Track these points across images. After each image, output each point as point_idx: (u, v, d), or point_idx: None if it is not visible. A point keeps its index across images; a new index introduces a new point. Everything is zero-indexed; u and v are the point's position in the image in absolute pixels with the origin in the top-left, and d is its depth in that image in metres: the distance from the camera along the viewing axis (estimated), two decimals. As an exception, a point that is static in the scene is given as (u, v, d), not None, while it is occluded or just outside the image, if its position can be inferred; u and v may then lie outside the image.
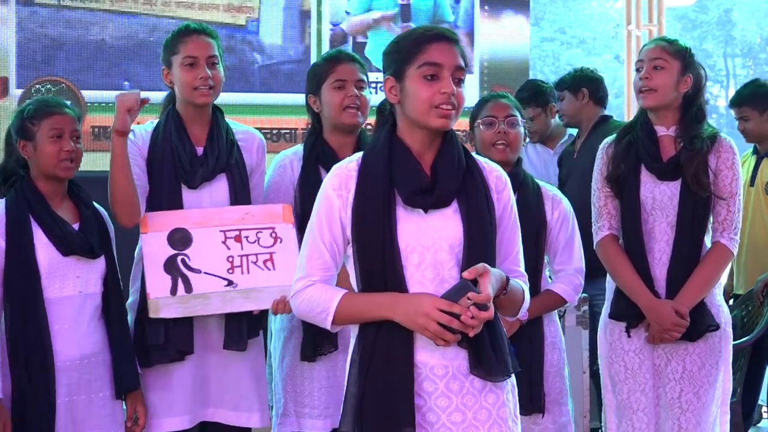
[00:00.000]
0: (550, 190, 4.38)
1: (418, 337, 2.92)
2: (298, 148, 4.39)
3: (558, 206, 4.31)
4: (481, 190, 3.13)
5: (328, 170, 3.67)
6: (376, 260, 3.01)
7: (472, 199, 3.10)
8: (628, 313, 4.29)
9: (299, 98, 4.60)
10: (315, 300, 3.02)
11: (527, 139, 4.63)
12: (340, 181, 3.07)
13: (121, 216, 4.03)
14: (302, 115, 4.66)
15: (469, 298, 2.73)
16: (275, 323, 4.30)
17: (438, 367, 2.97)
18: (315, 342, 4.16)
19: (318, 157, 4.26)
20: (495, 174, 3.19)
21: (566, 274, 4.27)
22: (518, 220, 3.27)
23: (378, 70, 6.54)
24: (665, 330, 4.12)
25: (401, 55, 3.02)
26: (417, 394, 2.95)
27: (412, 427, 2.93)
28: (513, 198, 3.25)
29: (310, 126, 4.40)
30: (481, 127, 4.29)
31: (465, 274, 2.83)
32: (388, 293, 2.95)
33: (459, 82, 3.01)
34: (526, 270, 3.29)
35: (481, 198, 3.12)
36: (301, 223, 3.98)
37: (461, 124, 3.95)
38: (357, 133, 4.31)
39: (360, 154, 3.17)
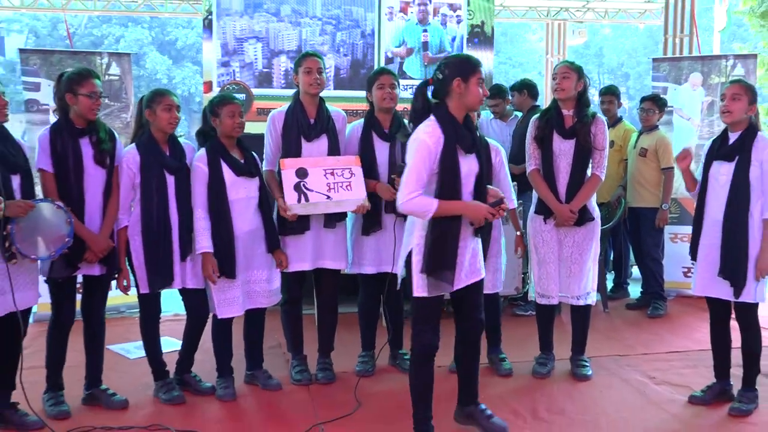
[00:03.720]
0: (494, 144, 4.36)
1: (464, 223, 3.28)
2: (361, 120, 4.38)
3: (498, 153, 4.34)
4: (484, 146, 3.64)
5: (379, 136, 4.21)
6: (449, 180, 3.23)
7: (481, 150, 3.48)
8: (544, 210, 4.30)
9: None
10: (421, 203, 3.19)
11: (478, 116, 4.65)
12: (433, 140, 3.23)
13: None
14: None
15: (501, 208, 3.29)
16: (348, 214, 4.31)
17: (466, 234, 3.33)
18: (370, 224, 4.24)
19: (371, 126, 4.30)
20: (493, 145, 3.88)
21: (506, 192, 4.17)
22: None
23: (409, 77, 6.34)
24: (564, 220, 4.17)
25: (468, 68, 3.31)
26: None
27: (453, 269, 3.30)
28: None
29: (368, 110, 4.41)
30: None
31: (492, 196, 3.34)
32: (462, 201, 3.28)
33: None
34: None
35: (485, 150, 3.65)
36: (365, 169, 4.21)
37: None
38: (392, 113, 4.31)
39: (437, 126, 3.27)
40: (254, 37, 5.88)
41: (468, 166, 3.30)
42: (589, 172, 4.27)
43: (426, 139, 3.20)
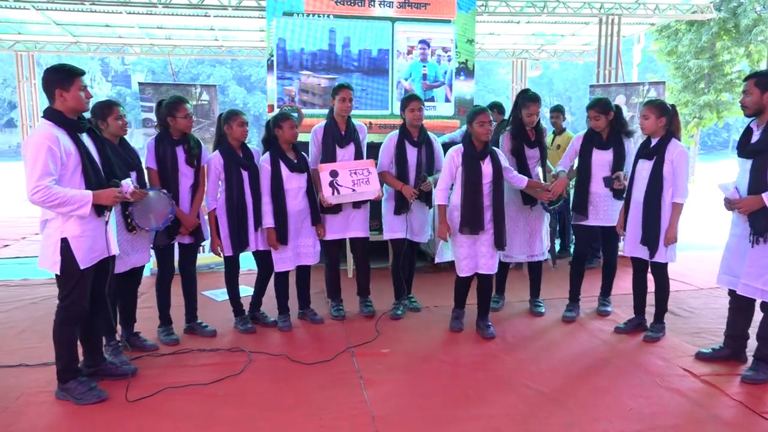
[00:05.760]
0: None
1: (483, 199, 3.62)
2: (396, 131, 4.18)
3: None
4: (496, 157, 3.70)
5: (410, 143, 4.05)
6: (472, 181, 3.57)
7: (494, 158, 3.68)
8: (528, 199, 4.11)
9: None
10: (440, 191, 3.66)
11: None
12: (456, 153, 3.66)
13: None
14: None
15: None
16: (383, 199, 4.22)
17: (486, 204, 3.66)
18: (400, 206, 4.12)
19: (404, 136, 4.11)
20: (499, 152, 3.73)
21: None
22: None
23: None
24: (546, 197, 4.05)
25: (469, 119, 3.56)
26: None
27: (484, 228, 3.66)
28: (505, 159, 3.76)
29: (402, 123, 4.19)
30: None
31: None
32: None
33: (491, 123, 3.65)
34: (497, 183, 3.73)
35: (498, 158, 3.68)
36: (398, 167, 4.10)
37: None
38: (419, 127, 4.13)
39: (460, 145, 3.72)
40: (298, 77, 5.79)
41: (485, 167, 3.68)
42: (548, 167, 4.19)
43: (450, 153, 3.70)
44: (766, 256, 3.04)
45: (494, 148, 3.78)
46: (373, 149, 4.45)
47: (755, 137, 3.11)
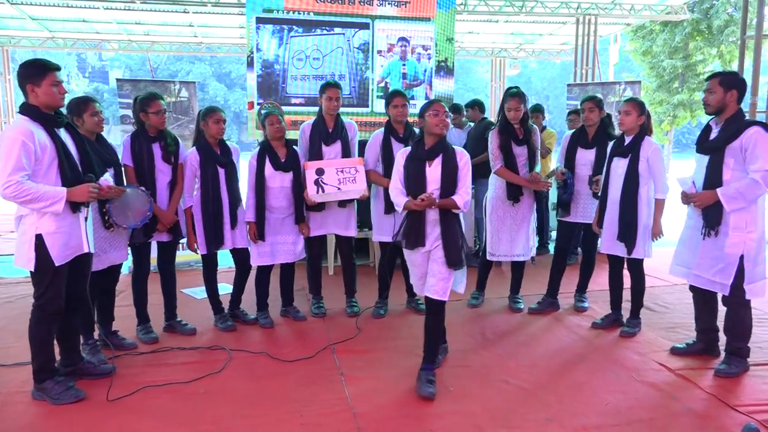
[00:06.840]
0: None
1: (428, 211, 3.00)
2: (382, 128, 4.11)
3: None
4: (451, 157, 3.01)
5: (396, 139, 3.94)
6: (412, 187, 3.00)
7: (447, 160, 3.00)
8: (514, 196, 4.12)
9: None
10: (397, 195, 3.03)
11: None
12: (401, 155, 3.10)
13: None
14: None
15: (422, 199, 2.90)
16: (371, 200, 4.19)
17: (433, 218, 3.01)
18: (388, 208, 4.04)
19: (390, 133, 4.06)
20: (459, 150, 3.06)
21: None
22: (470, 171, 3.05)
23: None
24: (538, 186, 4.08)
25: (421, 111, 3.04)
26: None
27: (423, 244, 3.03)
28: (468, 161, 3.04)
29: (387, 121, 4.11)
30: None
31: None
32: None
33: (447, 116, 3.00)
34: (448, 190, 3.01)
35: (454, 159, 3.01)
36: (385, 165, 4.01)
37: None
38: (405, 124, 4.07)
39: (409, 147, 3.16)
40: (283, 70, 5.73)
41: (431, 171, 3.06)
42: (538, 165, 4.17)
43: (398, 155, 3.20)
44: (717, 248, 3.13)
45: (457, 147, 3.10)
46: (364, 147, 4.41)
47: (713, 134, 3.18)
